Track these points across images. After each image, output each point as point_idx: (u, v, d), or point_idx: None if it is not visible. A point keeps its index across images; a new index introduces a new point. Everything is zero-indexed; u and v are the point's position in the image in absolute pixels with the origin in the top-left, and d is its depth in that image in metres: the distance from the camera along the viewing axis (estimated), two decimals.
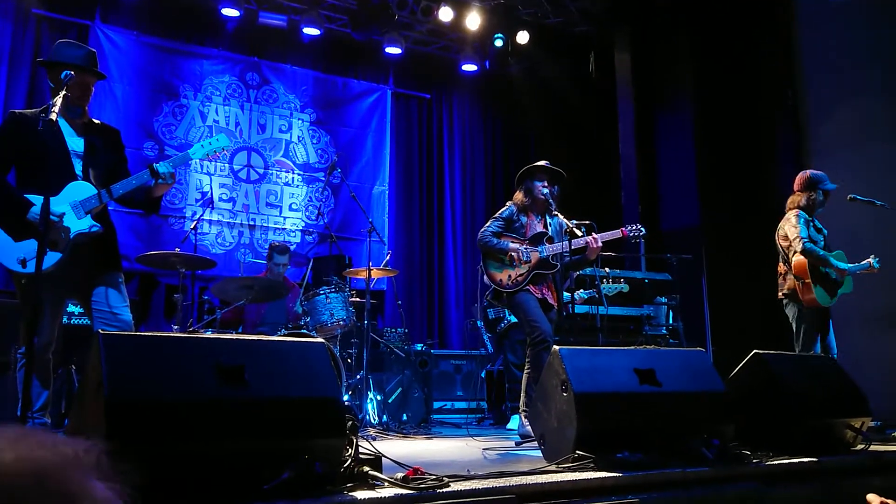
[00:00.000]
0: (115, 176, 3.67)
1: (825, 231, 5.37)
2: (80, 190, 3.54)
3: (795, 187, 5.38)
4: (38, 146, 3.42)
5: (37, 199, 3.36)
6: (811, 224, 5.26)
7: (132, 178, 3.60)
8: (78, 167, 3.59)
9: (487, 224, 4.87)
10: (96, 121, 3.85)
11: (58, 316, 3.64)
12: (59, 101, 3.09)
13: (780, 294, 5.32)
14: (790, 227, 5.20)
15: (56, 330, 3.60)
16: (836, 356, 5.10)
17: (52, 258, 3.35)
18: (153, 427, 2.01)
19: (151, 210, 3.96)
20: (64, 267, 3.44)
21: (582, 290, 6.56)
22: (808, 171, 5.40)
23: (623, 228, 4.88)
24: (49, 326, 3.53)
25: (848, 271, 5.18)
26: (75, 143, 3.63)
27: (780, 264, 5.32)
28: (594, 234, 4.66)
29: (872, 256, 5.26)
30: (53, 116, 2.98)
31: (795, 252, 5.13)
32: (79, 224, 3.50)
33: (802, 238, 5.08)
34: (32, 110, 3.63)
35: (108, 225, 3.69)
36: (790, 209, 5.32)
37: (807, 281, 5.09)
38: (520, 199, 4.91)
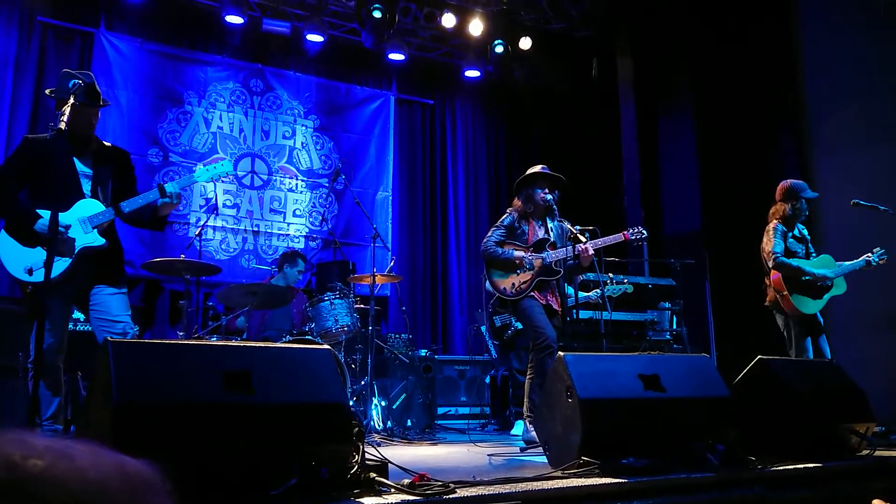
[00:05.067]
0: (123, 197, 3.82)
1: (808, 237, 5.46)
2: (89, 206, 3.71)
3: (777, 197, 5.44)
4: (49, 167, 3.63)
5: (45, 213, 3.56)
6: (790, 234, 5.34)
7: (140, 197, 3.78)
8: (86, 187, 3.76)
9: (489, 233, 4.88)
10: (107, 144, 4.00)
11: (64, 323, 3.73)
12: (64, 118, 3.15)
13: (765, 303, 5.44)
14: (766, 241, 5.32)
15: (63, 337, 3.69)
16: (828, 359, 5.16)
17: (58, 268, 3.50)
18: (161, 433, 2.03)
19: (157, 228, 4.15)
20: (69, 277, 3.61)
21: (593, 292, 6.48)
22: (789, 181, 5.43)
23: (625, 232, 4.90)
24: (56, 334, 3.62)
25: (828, 276, 5.19)
26: (84, 168, 3.79)
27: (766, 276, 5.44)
28: (586, 242, 4.66)
29: (875, 250, 5.27)
30: (62, 126, 3.05)
31: (770, 266, 5.27)
32: (85, 238, 3.65)
33: (775, 252, 5.21)
34: (44, 135, 3.81)
35: (114, 241, 3.83)
36: (771, 220, 5.40)
37: (784, 293, 5.21)
38: (520, 207, 4.91)
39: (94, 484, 0.64)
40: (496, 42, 8.86)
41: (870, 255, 5.27)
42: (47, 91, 3.88)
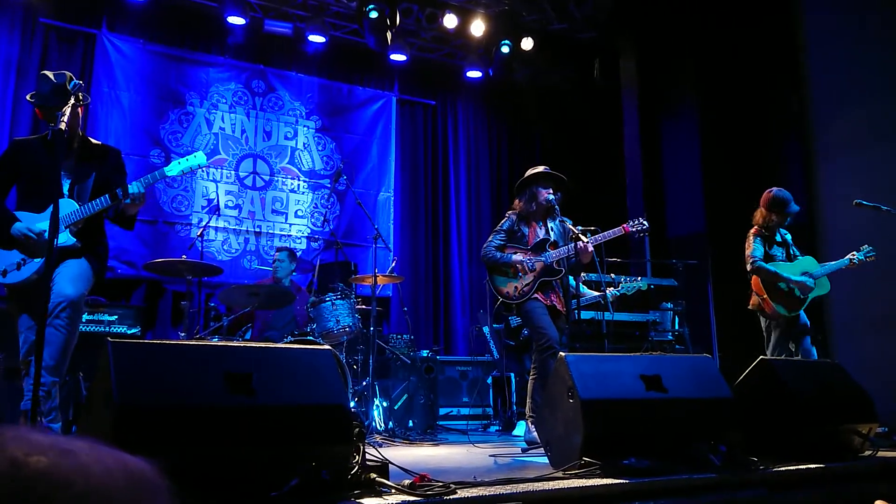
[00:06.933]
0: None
1: (790, 241, 5.48)
2: (63, 207, 3.67)
3: (760, 203, 5.49)
4: (34, 169, 3.69)
5: (22, 216, 3.65)
6: (770, 239, 5.39)
7: (104, 197, 3.74)
8: (66, 186, 3.76)
9: (490, 238, 4.86)
10: (95, 141, 4.00)
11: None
12: (65, 118, 3.16)
13: (748, 307, 5.50)
14: (747, 247, 5.39)
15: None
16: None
17: (32, 267, 3.61)
18: (161, 434, 2.03)
19: (126, 227, 4.11)
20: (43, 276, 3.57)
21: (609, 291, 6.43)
22: (773, 190, 5.46)
23: (625, 225, 4.86)
24: (35, 330, 3.60)
25: (807, 283, 5.20)
26: (66, 165, 3.80)
27: None
28: (584, 240, 4.64)
29: (862, 248, 5.25)
30: (63, 126, 3.06)
31: (748, 271, 5.36)
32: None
33: (753, 257, 5.31)
34: (34, 136, 3.91)
35: (90, 240, 3.78)
36: (754, 225, 5.45)
37: (764, 297, 5.32)
38: (521, 208, 4.90)
39: (98, 482, 0.64)
40: (503, 42, 8.84)
41: (854, 253, 5.26)
42: (28, 96, 3.86)
